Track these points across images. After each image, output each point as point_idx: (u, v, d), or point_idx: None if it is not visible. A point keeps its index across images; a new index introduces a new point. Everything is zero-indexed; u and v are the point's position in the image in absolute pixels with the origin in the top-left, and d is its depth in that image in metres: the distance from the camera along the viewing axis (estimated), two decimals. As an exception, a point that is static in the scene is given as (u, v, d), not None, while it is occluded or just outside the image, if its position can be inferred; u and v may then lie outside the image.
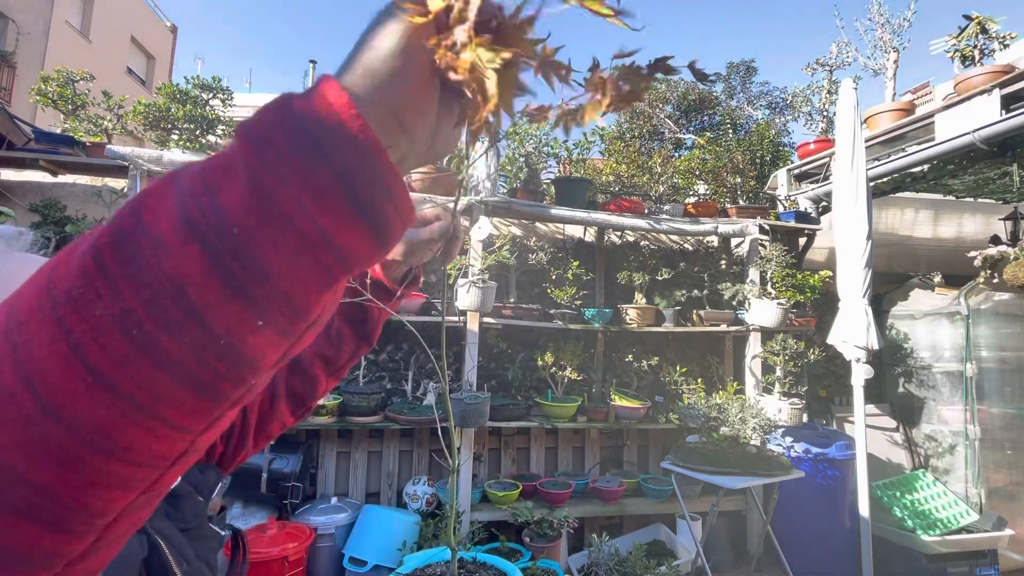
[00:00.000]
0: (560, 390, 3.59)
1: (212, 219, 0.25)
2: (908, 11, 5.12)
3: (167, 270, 0.25)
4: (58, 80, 3.43)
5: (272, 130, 0.27)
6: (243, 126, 0.27)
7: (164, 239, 0.25)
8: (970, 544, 3.26)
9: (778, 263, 3.77)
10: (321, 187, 0.26)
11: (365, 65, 0.30)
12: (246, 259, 0.25)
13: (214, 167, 0.27)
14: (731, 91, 14.96)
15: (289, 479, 3.06)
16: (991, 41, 3.66)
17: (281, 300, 0.27)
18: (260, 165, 0.26)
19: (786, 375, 3.80)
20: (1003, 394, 3.70)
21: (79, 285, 0.25)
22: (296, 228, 0.26)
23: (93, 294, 0.25)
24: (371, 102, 0.30)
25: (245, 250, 0.25)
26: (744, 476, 2.82)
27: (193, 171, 0.27)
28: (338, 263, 0.28)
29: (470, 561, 2.34)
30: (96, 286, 0.25)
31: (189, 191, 0.26)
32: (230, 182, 0.26)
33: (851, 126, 3.08)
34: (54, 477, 0.25)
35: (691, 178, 4.67)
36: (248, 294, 0.26)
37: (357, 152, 0.27)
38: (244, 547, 0.82)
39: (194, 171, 0.27)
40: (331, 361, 0.78)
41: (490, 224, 3.29)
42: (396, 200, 0.29)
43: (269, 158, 0.26)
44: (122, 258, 0.25)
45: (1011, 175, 3.81)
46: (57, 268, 0.26)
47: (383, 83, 0.30)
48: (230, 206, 0.25)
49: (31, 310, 0.26)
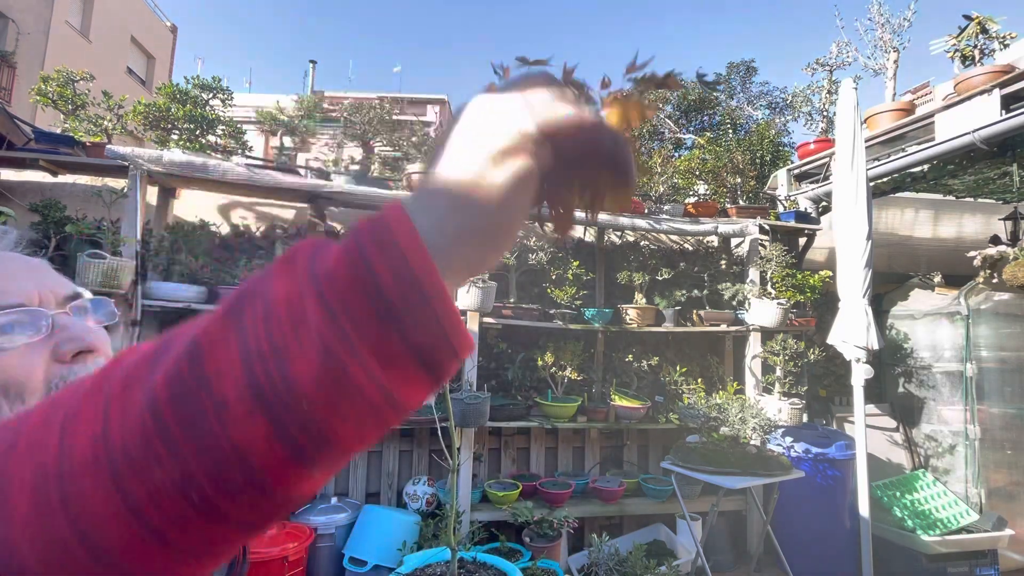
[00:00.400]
0: (560, 390, 3.59)
1: (281, 390, 0.24)
2: (908, 11, 5.12)
3: (232, 438, 0.24)
4: (58, 80, 3.43)
5: (347, 295, 0.25)
6: (313, 272, 0.26)
7: (228, 403, 0.24)
8: (970, 544, 3.26)
9: (778, 263, 3.77)
10: (392, 355, 0.26)
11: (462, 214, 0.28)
12: (313, 431, 0.25)
13: (280, 319, 0.25)
14: (731, 91, 14.96)
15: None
16: (991, 41, 3.66)
17: (338, 456, 0.27)
18: (333, 335, 0.25)
19: (786, 375, 3.80)
20: (1003, 394, 3.70)
21: (137, 444, 0.25)
22: (365, 398, 0.25)
23: (153, 457, 0.25)
24: (455, 257, 0.28)
25: (313, 424, 0.25)
26: (744, 476, 2.82)
27: (257, 315, 0.26)
28: (395, 415, 0.27)
29: (470, 561, 2.34)
30: (156, 448, 0.25)
31: (255, 350, 0.25)
32: (301, 346, 0.25)
33: (851, 126, 3.08)
34: None
35: (691, 178, 4.67)
36: (310, 459, 0.26)
37: (430, 317, 0.26)
38: (244, 547, 0.82)
39: (258, 315, 0.26)
40: None
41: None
42: (459, 350, 0.28)
43: (344, 328, 0.25)
44: (183, 419, 0.25)
45: (1011, 175, 3.81)
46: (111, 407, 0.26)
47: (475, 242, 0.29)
48: (300, 378, 0.24)
49: (84, 460, 0.25)
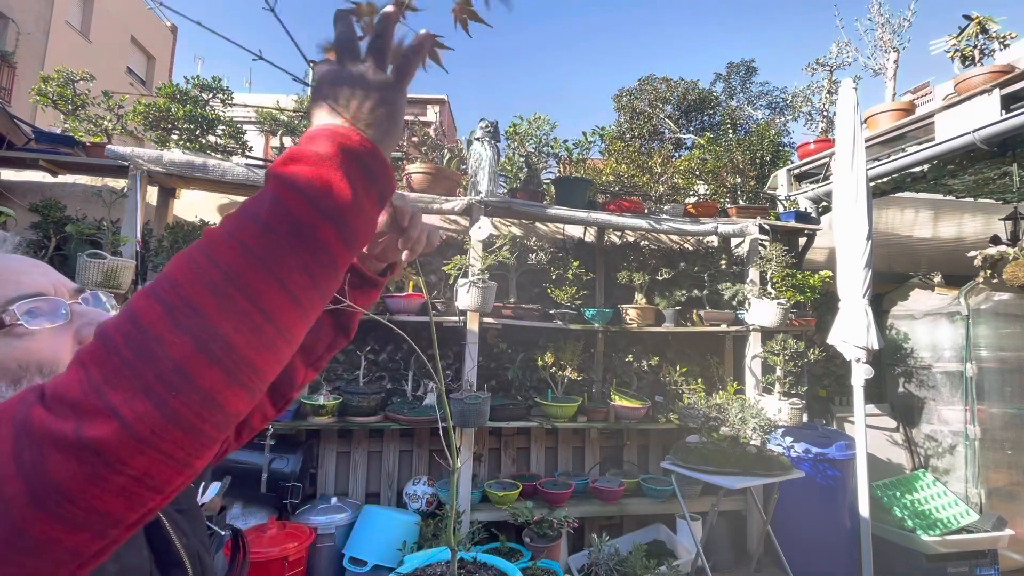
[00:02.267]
0: (560, 390, 3.59)
1: (337, 210, 0.44)
2: (908, 11, 5.12)
3: (318, 237, 0.43)
4: (58, 80, 3.43)
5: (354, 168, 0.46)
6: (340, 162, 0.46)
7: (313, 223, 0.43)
8: (970, 544, 3.26)
9: (778, 263, 3.77)
10: (373, 191, 0.47)
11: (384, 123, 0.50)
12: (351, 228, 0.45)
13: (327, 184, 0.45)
14: (731, 91, 14.95)
15: (289, 479, 3.06)
16: (991, 41, 3.65)
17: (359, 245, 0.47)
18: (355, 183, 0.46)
19: (786, 375, 3.80)
20: (1003, 394, 3.70)
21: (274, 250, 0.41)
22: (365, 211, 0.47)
23: (283, 254, 0.41)
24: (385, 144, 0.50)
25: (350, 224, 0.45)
26: (744, 476, 2.82)
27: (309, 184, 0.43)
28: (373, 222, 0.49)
29: (470, 561, 2.34)
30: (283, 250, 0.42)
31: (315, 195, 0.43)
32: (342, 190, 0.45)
33: (851, 126, 3.08)
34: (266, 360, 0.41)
35: (691, 178, 4.66)
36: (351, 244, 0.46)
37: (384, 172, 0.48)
38: (244, 547, 0.82)
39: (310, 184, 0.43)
40: (308, 349, 0.79)
41: (490, 224, 3.29)
42: (393, 188, 0.50)
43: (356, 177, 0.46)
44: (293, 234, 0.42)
45: (1011, 175, 3.81)
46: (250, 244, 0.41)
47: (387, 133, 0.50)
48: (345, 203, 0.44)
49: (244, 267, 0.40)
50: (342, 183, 0.44)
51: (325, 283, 0.44)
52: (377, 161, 0.47)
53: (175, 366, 0.36)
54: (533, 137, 3.91)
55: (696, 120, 13.79)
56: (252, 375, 0.40)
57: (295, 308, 0.42)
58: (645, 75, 14.03)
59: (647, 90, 13.55)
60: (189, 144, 3.39)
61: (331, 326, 0.80)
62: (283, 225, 0.41)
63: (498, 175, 3.61)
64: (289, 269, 0.41)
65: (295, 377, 0.79)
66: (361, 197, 0.45)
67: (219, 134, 3.50)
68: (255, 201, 0.43)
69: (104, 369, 0.37)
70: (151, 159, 3.07)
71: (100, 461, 0.35)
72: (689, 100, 13.47)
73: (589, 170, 4.36)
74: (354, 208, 0.44)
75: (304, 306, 0.43)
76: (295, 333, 0.43)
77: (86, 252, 2.68)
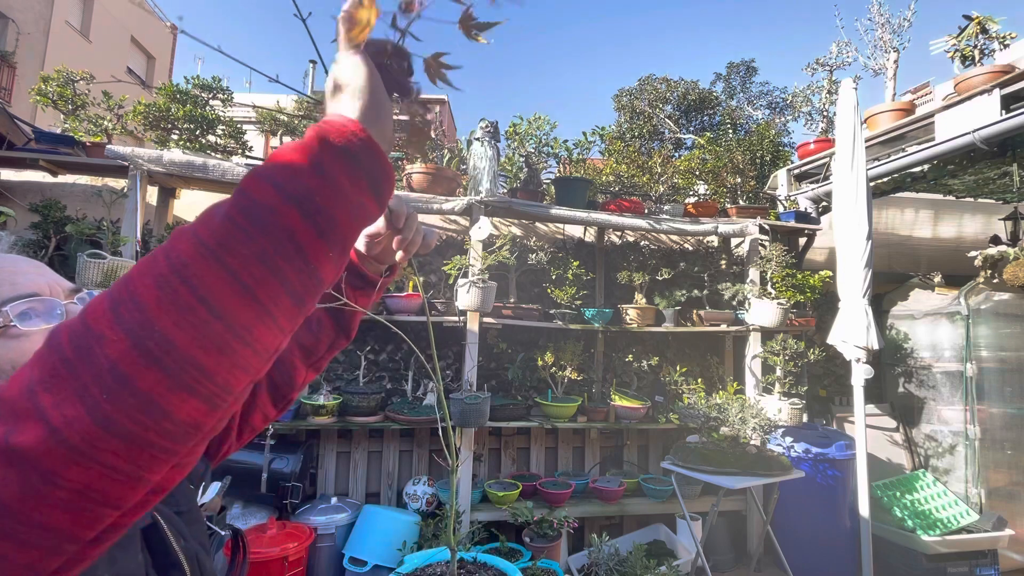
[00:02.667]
0: (560, 390, 3.59)
1: (303, 193, 0.40)
2: (908, 11, 5.11)
3: (281, 222, 0.38)
4: (58, 80, 3.43)
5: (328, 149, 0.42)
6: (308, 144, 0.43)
7: (275, 206, 0.39)
8: (970, 544, 3.26)
9: (778, 263, 3.76)
10: (356, 175, 0.43)
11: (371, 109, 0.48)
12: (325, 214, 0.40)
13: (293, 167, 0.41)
14: (731, 91, 14.95)
15: (289, 479, 3.06)
16: (991, 41, 3.65)
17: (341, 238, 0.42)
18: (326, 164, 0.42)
19: (786, 375, 3.80)
20: (1003, 394, 3.70)
21: (226, 237, 0.37)
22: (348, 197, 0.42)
23: (237, 241, 0.37)
24: (373, 128, 0.46)
25: (324, 209, 0.40)
26: (744, 476, 2.82)
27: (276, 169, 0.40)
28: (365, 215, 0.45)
29: (470, 561, 2.34)
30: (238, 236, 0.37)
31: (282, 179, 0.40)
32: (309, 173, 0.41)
33: (851, 126, 3.08)
34: (216, 362, 0.35)
35: (691, 178, 4.66)
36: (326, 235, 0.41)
37: (372, 157, 0.45)
38: (244, 547, 0.82)
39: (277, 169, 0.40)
40: (309, 350, 0.79)
41: (490, 224, 3.29)
42: (391, 181, 0.47)
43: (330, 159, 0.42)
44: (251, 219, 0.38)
45: (1011, 175, 3.81)
46: (200, 233, 0.37)
47: (377, 118, 0.48)
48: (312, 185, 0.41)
49: (192, 256, 0.36)
50: (313, 164, 0.40)
51: (292, 276, 0.39)
52: (361, 142, 0.43)
53: (111, 365, 0.33)
54: (533, 137, 3.91)
55: (696, 120, 13.80)
56: (202, 379, 0.35)
57: (251, 304, 0.36)
58: (645, 75, 14.04)
59: (647, 90, 13.55)
60: (189, 144, 3.39)
61: (332, 327, 0.80)
62: (241, 213, 0.37)
63: (498, 175, 3.61)
64: (243, 259, 0.36)
65: (296, 377, 0.80)
66: (339, 179, 0.41)
67: (219, 134, 3.50)
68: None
69: (43, 368, 0.34)
70: (151, 159, 3.07)
71: (32, 471, 0.31)
72: (689, 100, 13.48)
73: (589, 170, 4.36)
74: (327, 191, 0.40)
75: (264, 303, 0.37)
76: (257, 335, 0.37)
77: (86, 252, 2.68)
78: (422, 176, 3.49)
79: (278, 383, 0.79)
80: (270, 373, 0.78)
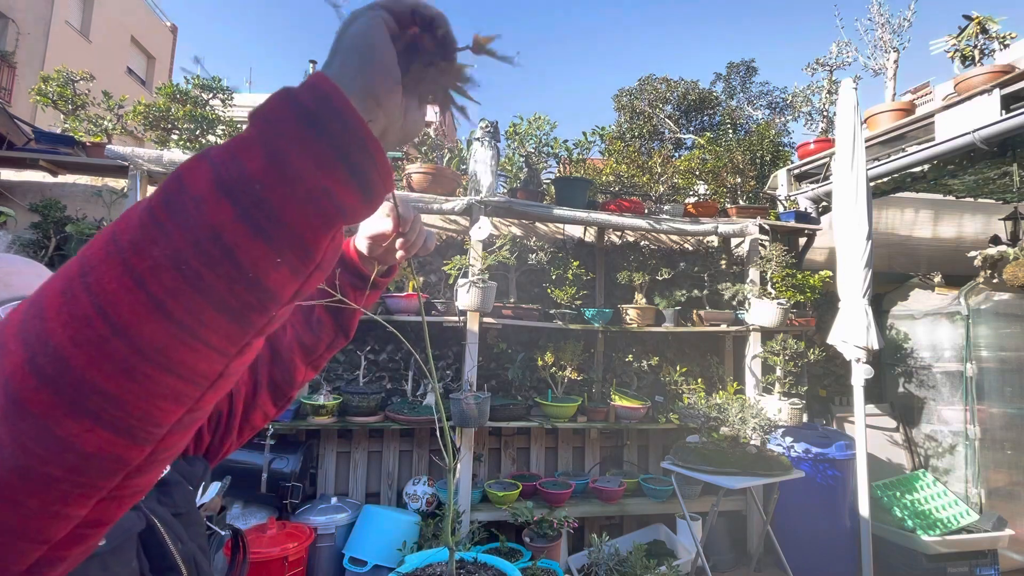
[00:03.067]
0: (560, 390, 3.59)
1: (239, 179, 0.31)
2: (908, 11, 5.12)
3: (206, 218, 0.31)
4: (58, 80, 3.43)
5: (278, 111, 0.33)
6: (255, 112, 0.34)
7: (203, 196, 0.31)
8: (970, 544, 3.26)
9: (778, 263, 3.77)
10: (320, 152, 0.33)
11: (343, 57, 0.38)
12: (267, 208, 0.32)
13: (236, 143, 0.33)
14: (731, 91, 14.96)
15: (289, 479, 3.06)
16: (991, 41, 3.65)
17: (295, 241, 0.33)
18: (272, 137, 0.32)
19: (786, 375, 3.80)
20: (1003, 394, 3.70)
21: (138, 234, 0.31)
22: (304, 184, 0.32)
23: (150, 240, 0.30)
24: (350, 85, 0.36)
25: (266, 202, 0.32)
26: (744, 476, 2.82)
27: (220, 147, 0.33)
28: (337, 212, 0.34)
29: (470, 561, 2.34)
30: (152, 234, 0.30)
31: (219, 160, 0.32)
32: (251, 152, 0.32)
33: (851, 126, 3.08)
34: (123, 388, 0.30)
35: (691, 178, 4.67)
36: (269, 236, 0.32)
37: (345, 124, 0.34)
38: (244, 547, 0.82)
39: (221, 147, 0.33)
40: (310, 349, 0.79)
41: (490, 224, 3.29)
42: (378, 164, 0.35)
43: (280, 130, 0.33)
44: (171, 212, 0.31)
45: (1011, 175, 3.80)
46: (118, 226, 0.32)
47: (358, 70, 0.37)
48: (252, 169, 0.32)
49: (100, 257, 0.31)
50: (261, 136, 0.32)
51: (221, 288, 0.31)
52: (328, 104, 0.33)
53: (3, 382, 0.29)
54: (533, 137, 3.91)
55: (696, 120, 13.80)
56: (109, 407, 0.29)
57: (161, 321, 0.30)
58: (645, 75, 14.04)
59: (647, 90, 13.55)
60: (189, 144, 3.39)
61: (331, 326, 0.79)
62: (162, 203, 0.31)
63: (498, 175, 3.61)
64: (152, 263, 0.29)
65: (296, 376, 0.79)
66: (291, 157, 0.32)
67: (219, 134, 3.50)
68: None
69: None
70: (151, 159, 3.07)
71: None
72: (689, 100, 13.48)
73: (589, 170, 4.36)
74: (271, 174, 0.31)
75: (180, 319, 0.30)
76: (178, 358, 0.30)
77: (86, 252, 2.68)
78: (422, 176, 3.49)
79: (279, 382, 0.78)
80: (271, 372, 0.77)
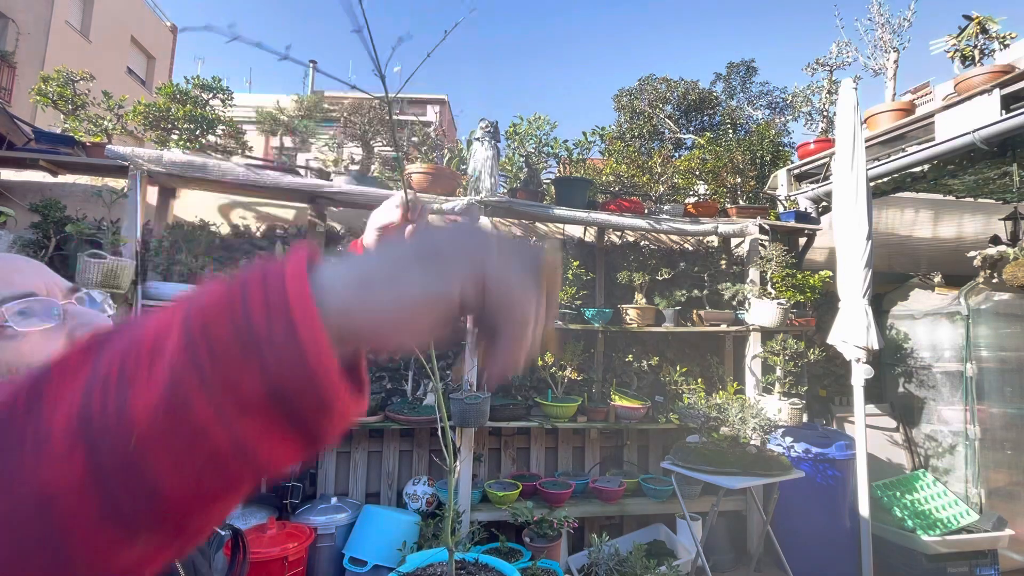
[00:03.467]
0: (560, 390, 3.59)
1: (111, 422, 0.21)
2: (908, 11, 5.11)
3: (40, 477, 0.21)
4: (58, 80, 3.43)
5: (212, 319, 0.22)
6: (187, 300, 0.23)
7: (51, 435, 0.21)
8: (970, 544, 3.26)
9: (778, 263, 3.76)
10: (250, 394, 0.22)
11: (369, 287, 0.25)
12: (136, 476, 0.21)
13: (141, 349, 0.22)
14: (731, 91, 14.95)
15: (289, 479, 3.06)
16: (991, 41, 3.65)
17: (167, 519, 0.22)
18: (185, 362, 0.22)
19: (786, 375, 3.80)
20: (1003, 394, 3.70)
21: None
22: (208, 442, 0.22)
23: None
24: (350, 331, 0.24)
25: (137, 466, 0.21)
26: (744, 476, 2.82)
27: (123, 343, 0.23)
28: (250, 473, 0.23)
29: (470, 562, 2.34)
30: None
31: (103, 377, 0.22)
32: (149, 375, 0.22)
33: (851, 126, 3.08)
34: None
35: (691, 178, 4.67)
36: (125, 517, 0.21)
37: (297, 355, 0.22)
38: (244, 547, 0.82)
39: (124, 344, 0.23)
40: None
41: (490, 224, 3.29)
42: (326, 401, 0.23)
43: (199, 355, 0.22)
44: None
45: (1011, 175, 3.80)
46: None
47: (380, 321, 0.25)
48: (136, 408, 0.21)
49: None
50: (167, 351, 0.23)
51: None
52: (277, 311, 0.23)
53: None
54: (533, 137, 3.91)
55: (696, 120, 13.80)
56: None
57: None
58: (645, 75, 14.04)
59: (647, 90, 13.55)
60: (189, 144, 3.38)
61: None
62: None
63: (498, 175, 3.61)
64: None
65: None
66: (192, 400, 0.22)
67: (219, 134, 3.50)
68: None
69: None
70: (151, 159, 3.07)
71: None
72: (689, 100, 13.48)
73: (589, 170, 4.36)
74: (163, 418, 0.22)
75: None
76: None
77: (86, 252, 2.68)
78: (422, 176, 3.49)
79: None
80: None
